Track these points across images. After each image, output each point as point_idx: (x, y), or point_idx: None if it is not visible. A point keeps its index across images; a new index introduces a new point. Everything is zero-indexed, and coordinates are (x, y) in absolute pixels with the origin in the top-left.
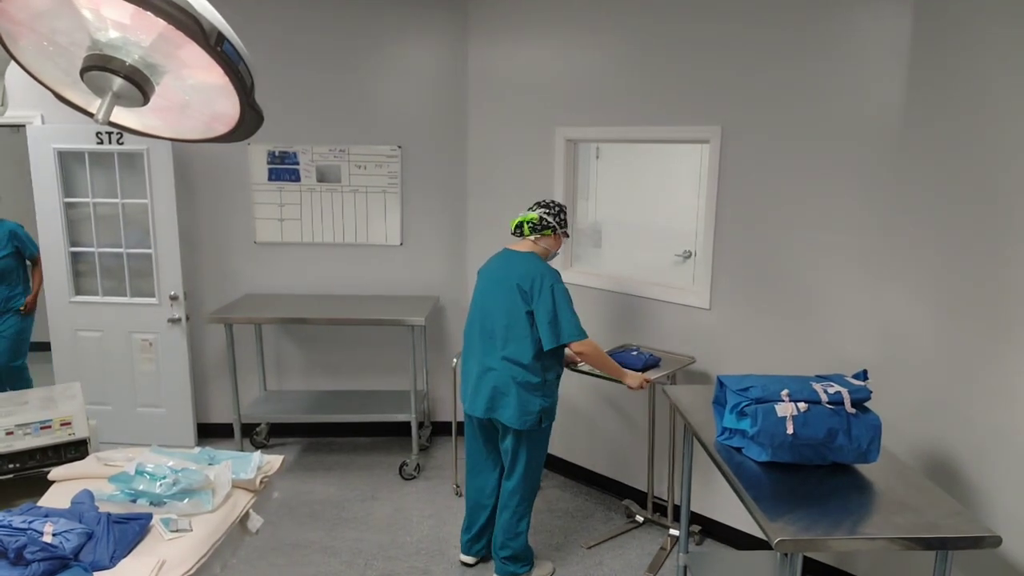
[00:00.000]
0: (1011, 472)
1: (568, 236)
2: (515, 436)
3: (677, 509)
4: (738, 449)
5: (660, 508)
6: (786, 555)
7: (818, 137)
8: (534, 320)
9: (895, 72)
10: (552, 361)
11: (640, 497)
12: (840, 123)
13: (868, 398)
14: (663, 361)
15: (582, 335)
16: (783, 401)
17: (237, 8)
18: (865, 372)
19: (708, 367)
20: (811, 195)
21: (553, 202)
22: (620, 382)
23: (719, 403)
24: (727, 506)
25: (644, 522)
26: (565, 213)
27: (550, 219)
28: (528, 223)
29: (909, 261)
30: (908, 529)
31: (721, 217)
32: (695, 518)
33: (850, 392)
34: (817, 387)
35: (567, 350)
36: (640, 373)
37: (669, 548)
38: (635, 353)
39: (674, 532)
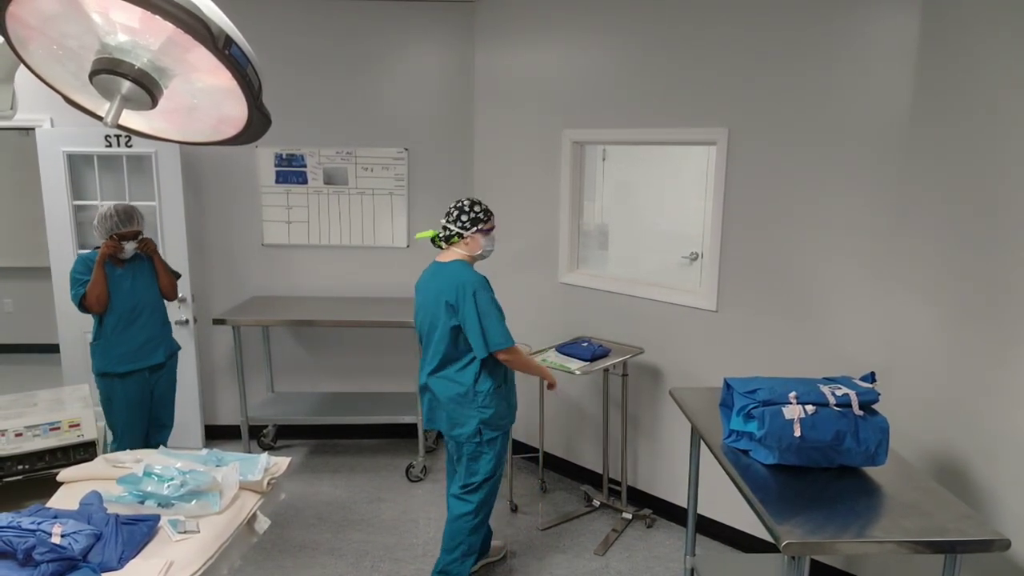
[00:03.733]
0: (1019, 474)
1: (485, 232)
2: (458, 448)
3: (630, 492)
4: (745, 452)
5: (625, 493)
6: (794, 558)
7: (825, 139)
8: (461, 333)
9: (902, 74)
10: (486, 372)
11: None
12: (847, 125)
13: (876, 400)
14: (613, 351)
15: (508, 342)
16: (791, 403)
17: (244, 12)
18: (873, 374)
19: (714, 369)
20: (818, 197)
21: (457, 204)
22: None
23: (726, 405)
24: (730, 507)
25: (600, 506)
26: (474, 209)
27: (453, 227)
28: (437, 237)
29: (916, 263)
30: (917, 532)
31: (728, 219)
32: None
33: (858, 394)
34: (825, 389)
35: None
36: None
37: (620, 530)
38: (585, 344)
39: (626, 515)
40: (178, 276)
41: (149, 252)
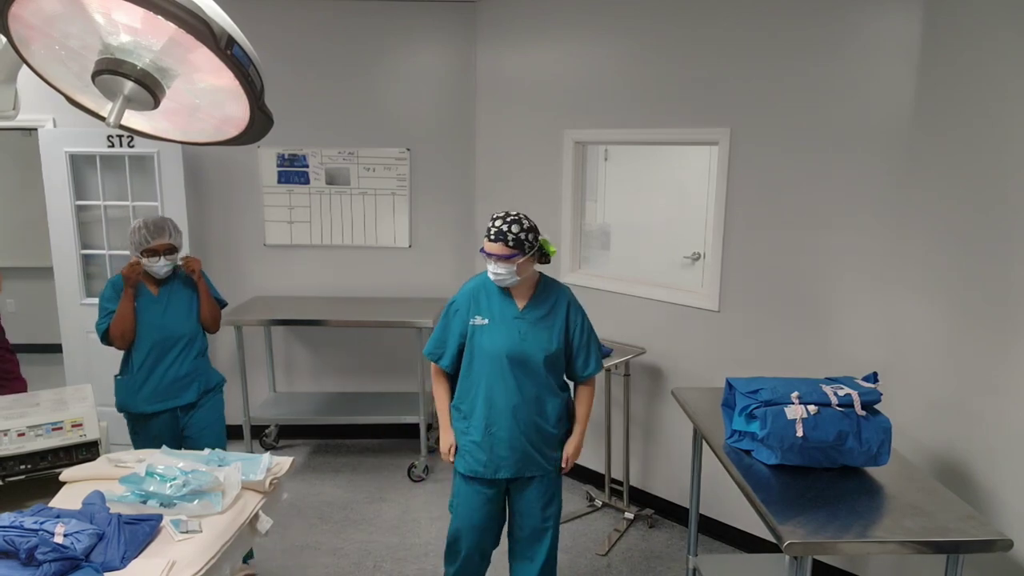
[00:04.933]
0: (1022, 474)
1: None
2: None
3: (632, 492)
4: (747, 452)
5: (627, 493)
6: (796, 558)
7: (827, 139)
8: None
9: (905, 74)
10: (457, 389)
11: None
12: (849, 125)
13: (878, 400)
14: (615, 351)
15: (426, 352)
16: (793, 403)
17: (246, 12)
18: (875, 374)
19: (717, 369)
20: (820, 197)
21: None
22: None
23: (728, 405)
24: (732, 507)
25: (602, 506)
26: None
27: None
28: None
29: (918, 263)
30: (919, 532)
31: (730, 219)
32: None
33: (860, 395)
34: (827, 389)
35: None
36: (450, 441)
37: (623, 530)
38: None
39: (628, 515)
40: (223, 305)
41: (189, 271)
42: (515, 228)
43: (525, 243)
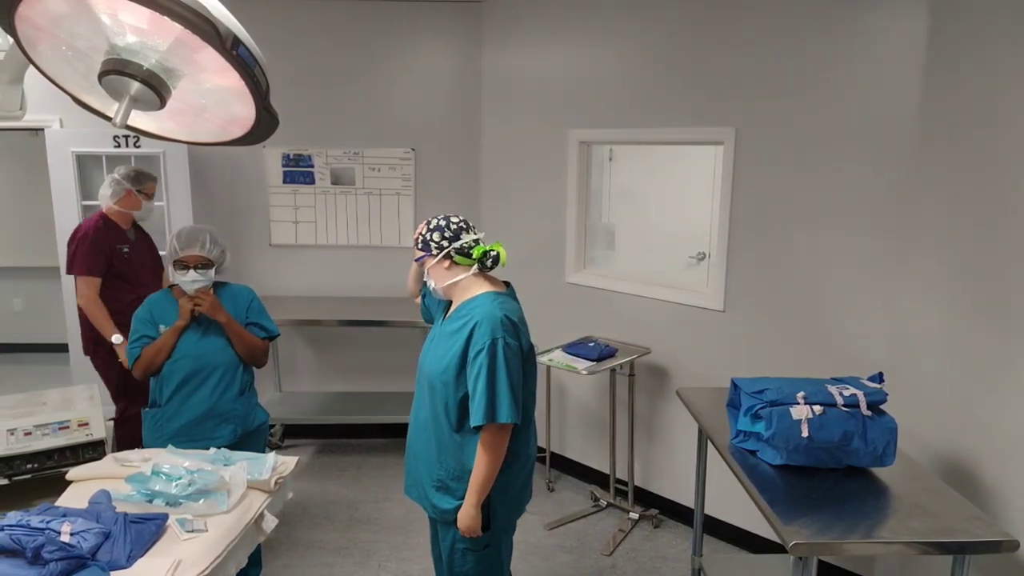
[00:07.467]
0: None
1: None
2: None
3: (637, 492)
4: (752, 452)
5: (632, 493)
6: (801, 558)
7: (832, 139)
8: None
9: (911, 76)
10: None
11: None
12: (854, 126)
13: (884, 401)
14: (620, 351)
15: None
16: (798, 404)
17: (251, 13)
18: (881, 375)
19: (722, 369)
20: (825, 197)
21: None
22: None
23: (733, 406)
24: (737, 508)
25: (607, 506)
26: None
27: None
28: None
29: (923, 264)
30: (925, 533)
31: (735, 219)
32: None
33: (866, 395)
34: (832, 390)
35: None
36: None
37: (627, 530)
38: (592, 344)
39: (633, 515)
40: (272, 336)
41: (201, 315)
42: (422, 228)
43: (430, 243)
